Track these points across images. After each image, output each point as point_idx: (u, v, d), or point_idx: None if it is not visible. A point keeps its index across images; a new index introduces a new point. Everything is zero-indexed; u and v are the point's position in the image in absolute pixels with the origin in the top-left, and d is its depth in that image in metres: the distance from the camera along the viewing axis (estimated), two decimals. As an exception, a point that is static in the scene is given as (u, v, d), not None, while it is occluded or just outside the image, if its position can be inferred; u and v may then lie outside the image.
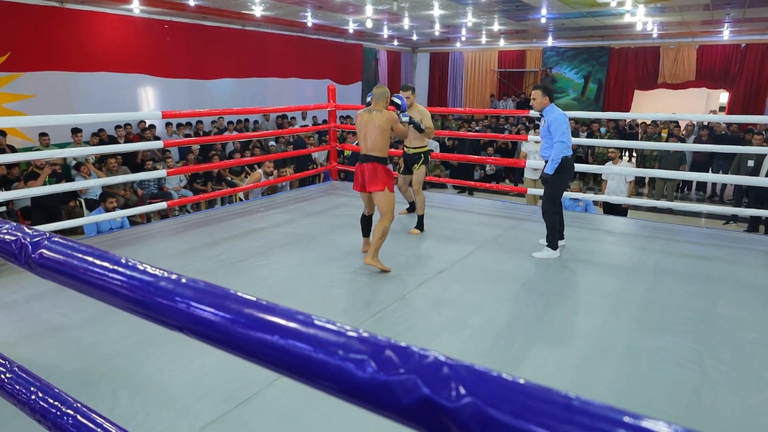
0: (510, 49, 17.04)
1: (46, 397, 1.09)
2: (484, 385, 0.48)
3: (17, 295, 3.49)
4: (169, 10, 10.03)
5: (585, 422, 0.44)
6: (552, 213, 4.28)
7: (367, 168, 3.95)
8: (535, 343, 2.95)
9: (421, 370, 0.52)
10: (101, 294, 0.85)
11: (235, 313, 0.67)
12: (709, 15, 10.68)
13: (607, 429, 0.43)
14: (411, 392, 0.51)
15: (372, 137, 3.92)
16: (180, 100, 10.65)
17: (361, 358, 0.55)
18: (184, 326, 0.72)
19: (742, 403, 2.42)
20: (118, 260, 0.85)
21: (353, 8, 10.43)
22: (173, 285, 0.75)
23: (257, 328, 0.64)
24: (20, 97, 8.42)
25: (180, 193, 8.34)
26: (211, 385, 2.46)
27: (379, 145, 3.92)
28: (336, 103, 7.14)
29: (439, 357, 0.53)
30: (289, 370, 0.62)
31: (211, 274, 3.86)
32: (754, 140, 8.15)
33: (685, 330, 3.10)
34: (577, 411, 0.45)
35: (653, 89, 15.17)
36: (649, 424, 0.43)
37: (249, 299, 0.69)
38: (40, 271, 0.92)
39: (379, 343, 0.56)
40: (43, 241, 0.92)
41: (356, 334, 0.59)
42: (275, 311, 0.65)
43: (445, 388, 0.49)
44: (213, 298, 0.70)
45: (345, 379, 0.55)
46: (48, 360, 2.69)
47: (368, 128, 3.93)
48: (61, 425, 1.02)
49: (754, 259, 4.46)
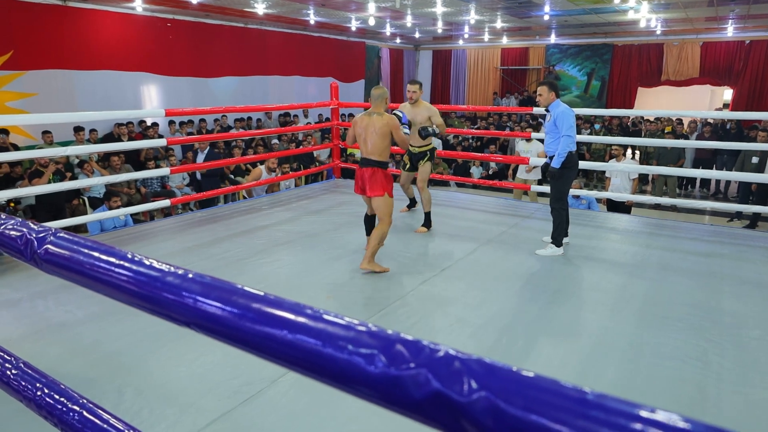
0: (513, 47, 16.99)
1: (52, 394, 1.09)
2: (496, 379, 0.48)
3: (22, 292, 3.50)
4: (171, 8, 10.03)
5: (600, 416, 0.43)
6: (560, 209, 4.30)
7: (367, 172, 3.87)
8: (538, 339, 2.95)
9: (432, 364, 0.51)
10: (107, 289, 0.85)
11: (243, 308, 0.67)
12: (713, 11, 10.62)
13: (622, 423, 0.42)
14: (422, 387, 0.50)
15: (372, 141, 3.83)
16: (182, 98, 10.65)
17: (371, 353, 0.55)
18: (191, 321, 0.72)
19: (746, 399, 2.41)
20: (124, 255, 0.85)
21: (356, 6, 10.41)
22: (180, 280, 0.74)
23: (265, 322, 0.64)
24: (23, 96, 8.43)
25: (183, 191, 8.35)
26: (215, 381, 2.46)
27: (379, 149, 3.84)
28: (338, 100, 7.13)
29: (450, 351, 0.53)
30: (297, 365, 0.61)
31: (215, 271, 3.86)
32: (758, 137, 8.10)
33: (689, 326, 3.09)
34: (592, 405, 0.44)
35: (657, 86, 15.10)
36: (663, 417, 0.42)
37: (257, 294, 0.69)
38: (45, 266, 0.91)
39: (390, 338, 0.56)
40: (49, 237, 0.92)
41: (365, 329, 0.58)
42: (283, 306, 0.65)
43: (456, 382, 0.49)
44: (220, 293, 0.70)
45: (355, 373, 0.55)
46: (52, 357, 2.70)
47: (368, 132, 3.85)
48: (67, 421, 1.02)
49: (758, 255, 4.44)
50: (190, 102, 10.48)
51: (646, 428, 0.42)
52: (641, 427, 0.42)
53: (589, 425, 0.43)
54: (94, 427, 0.99)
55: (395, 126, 3.85)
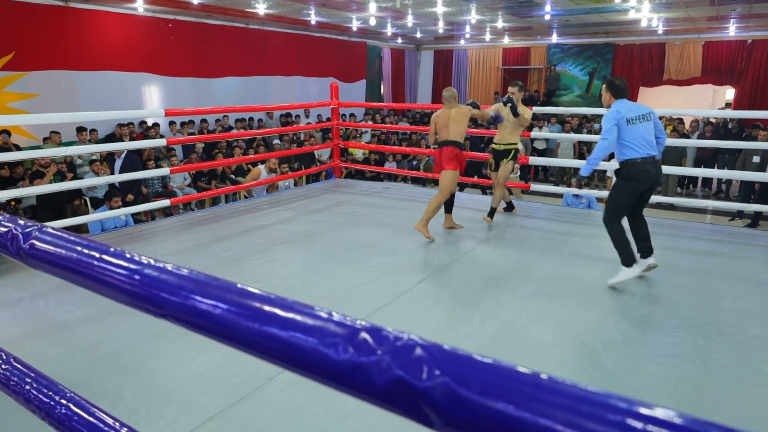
0: (514, 47, 16.97)
1: (41, 388, 1.10)
2: (455, 365, 0.49)
3: (23, 292, 3.52)
4: (172, 8, 10.06)
5: (551, 399, 0.44)
6: (614, 226, 3.67)
7: (446, 151, 4.62)
8: (535, 337, 2.95)
9: (395, 352, 0.52)
10: (93, 285, 0.86)
11: (217, 299, 0.67)
12: (715, 11, 10.59)
13: (572, 405, 0.43)
14: (385, 373, 0.51)
15: (452, 127, 4.63)
16: (184, 98, 10.68)
17: (336, 341, 0.56)
18: (168, 314, 0.73)
19: (744, 396, 2.41)
20: (108, 250, 0.85)
21: (357, 6, 10.42)
22: (158, 272, 0.75)
23: (237, 313, 0.65)
24: (25, 96, 8.47)
25: (184, 191, 8.37)
26: (213, 380, 2.48)
27: (458, 132, 4.65)
28: (339, 100, 7.15)
29: (412, 338, 0.54)
30: (268, 354, 0.62)
31: (214, 271, 3.85)
32: (759, 136, 8.09)
33: (687, 324, 3.09)
34: (545, 388, 0.45)
35: (659, 86, 15.06)
36: (613, 401, 0.43)
37: (230, 284, 0.70)
38: (31, 261, 0.93)
39: (355, 326, 0.57)
40: (34, 232, 0.93)
41: (331, 317, 0.59)
42: (255, 297, 0.66)
43: (417, 368, 0.50)
44: (196, 286, 0.71)
45: (321, 361, 0.56)
46: (53, 356, 2.72)
47: (449, 121, 4.64)
48: (54, 415, 1.04)
49: (758, 254, 4.43)
50: (191, 102, 10.51)
51: (594, 409, 0.43)
52: (590, 409, 0.43)
53: (542, 407, 0.44)
54: (80, 421, 1.01)
55: (470, 112, 4.73)
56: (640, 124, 3.53)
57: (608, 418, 0.42)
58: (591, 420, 0.42)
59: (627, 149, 3.53)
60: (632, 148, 3.52)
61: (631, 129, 3.50)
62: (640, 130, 3.51)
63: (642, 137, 3.51)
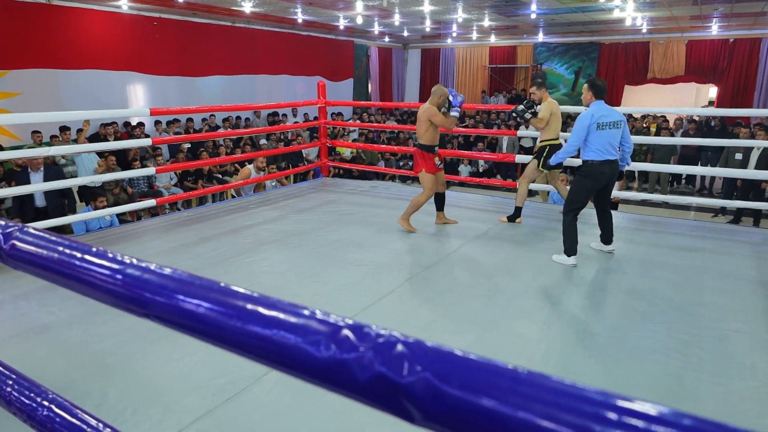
0: (501, 45, 17.05)
1: (22, 390, 1.09)
2: (435, 360, 0.50)
3: (5, 294, 3.47)
4: (158, 6, 9.96)
5: (530, 392, 0.45)
6: (569, 219, 3.99)
7: (414, 153, 4.74)
8: (520, 333, 2.98)
9: (376, 348, 0.53)
10: (77, 285, 0.85)
11: (200, 298, 0.67)
12: (698, 10, 10.73)
13: (550, 399, 0.44)
14: (366, 369, 0.52)
15: (417, 127, 4.66)
16: (169, 97, 10.58)
17: (318, 339, 0.56)
18: (151, 313, 0.72)
19: (725, 390, 2.45)
20: (90, 250, 0.85)
21: (343, 4, 10.40)
22: (140, 272, 0.75)
23: (219, 311, 0.65)
24: (6, 95, 8.33)
25: (170, 191, 8.30)
26: (199, 380, 2.46)
27: (419, 133, 4.64)
28: (326, 99, 7.13)
29: (394, 335, 0.54)
30: (252, 353, 0.62)
31: (201, 271, 3.83)
32: (741, 134, 8.22)
33: (670, 319, 3.14)
34: (524, 382, 0.46)
35: (643, 84, 15.23)
36: (590, 394, 0.44)
37: (213, 283, 0.70)
38: (12, 262, 0.92)
39: (337, 324, 0.57)
40: (15, 233, 0.92)
41: (314, 315, 0.60)
42: (238, 296, 0.66)
43: (398, 364, 0.50)
44: (179, 285, 0.71)
45: (303, 359, 0.56)
46: (37, 359, 2.68)
47: (418, 121, 4.65)
48: (36, 417, 1.03)
49: (739, 250, 4.51)
50: (177, 101, 10.42)
51: (572, 402, 0.44)
52: (567, 401, 0.44)
53: (521, 401, 0.44)
54: (63, 423, 1.00)
55: (432, 113, 4.52)
56: (609, 130, 3.83)
57: (585, 410, 0.43)
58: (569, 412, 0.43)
59: (590, 151, 3.87)
60: (595, 151, 3.85)
61: (599, 134, 3.82)
62: (607, 136, 3.83)
63: (607, 142, 3.84)
